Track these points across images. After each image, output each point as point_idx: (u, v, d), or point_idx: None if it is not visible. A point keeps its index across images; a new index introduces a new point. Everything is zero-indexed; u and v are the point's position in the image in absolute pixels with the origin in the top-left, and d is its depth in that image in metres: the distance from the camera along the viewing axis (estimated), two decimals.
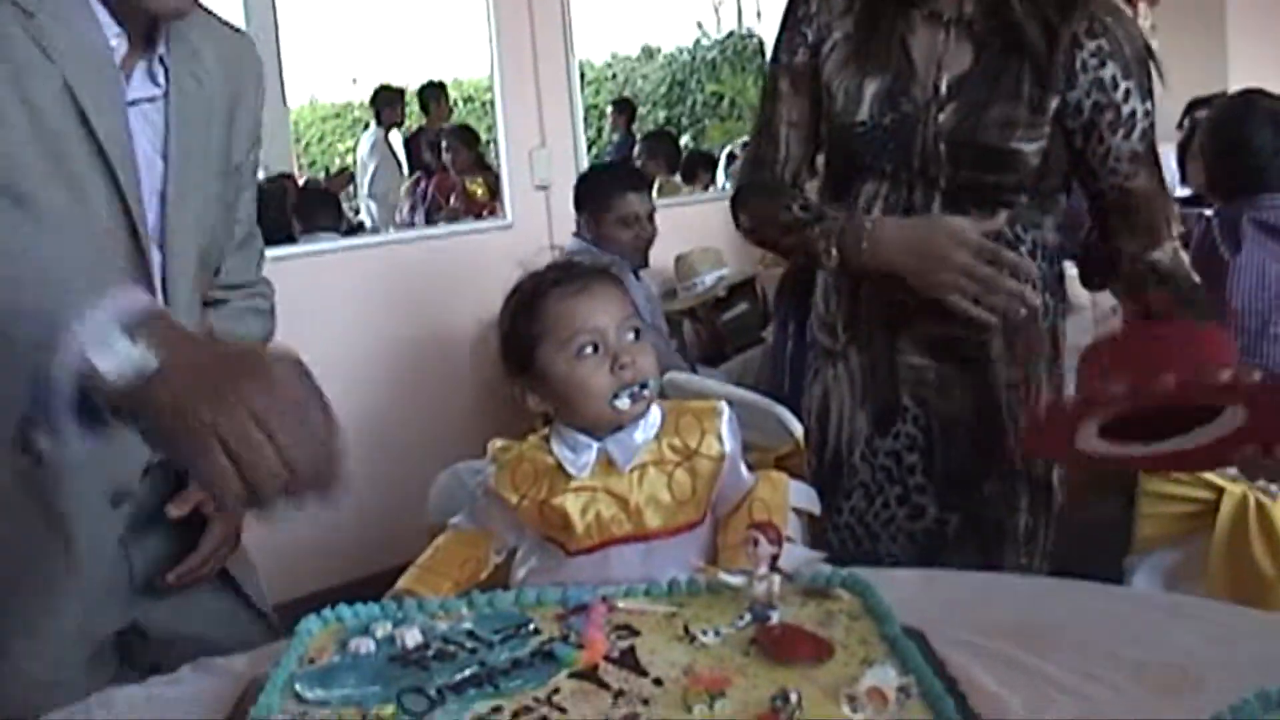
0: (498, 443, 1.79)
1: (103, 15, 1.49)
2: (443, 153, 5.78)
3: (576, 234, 3.98)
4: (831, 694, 1.17)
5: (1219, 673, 1.28)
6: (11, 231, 1.28)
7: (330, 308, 4.33)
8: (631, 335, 1.69)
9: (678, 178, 6.56)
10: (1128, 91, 1.94)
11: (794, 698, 1.14)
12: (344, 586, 3.91)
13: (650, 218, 3.86)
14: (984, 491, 2.06)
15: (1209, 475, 2.53)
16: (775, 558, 1.40)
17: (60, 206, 1.47)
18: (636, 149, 6.50)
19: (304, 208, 4.96)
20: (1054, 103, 1.94)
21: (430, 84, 5.99)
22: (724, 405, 1.77)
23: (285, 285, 2.00)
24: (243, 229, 1.87)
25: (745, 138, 6.68)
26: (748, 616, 1.36)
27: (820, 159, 2.19)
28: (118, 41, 1.52)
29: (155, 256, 1.62)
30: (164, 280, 1.64)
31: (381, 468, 4.24)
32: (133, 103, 1.57)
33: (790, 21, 2.14)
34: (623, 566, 1.69)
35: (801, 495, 1.79)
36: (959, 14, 1.98)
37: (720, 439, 1.74)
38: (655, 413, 1.74)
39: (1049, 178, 2.01)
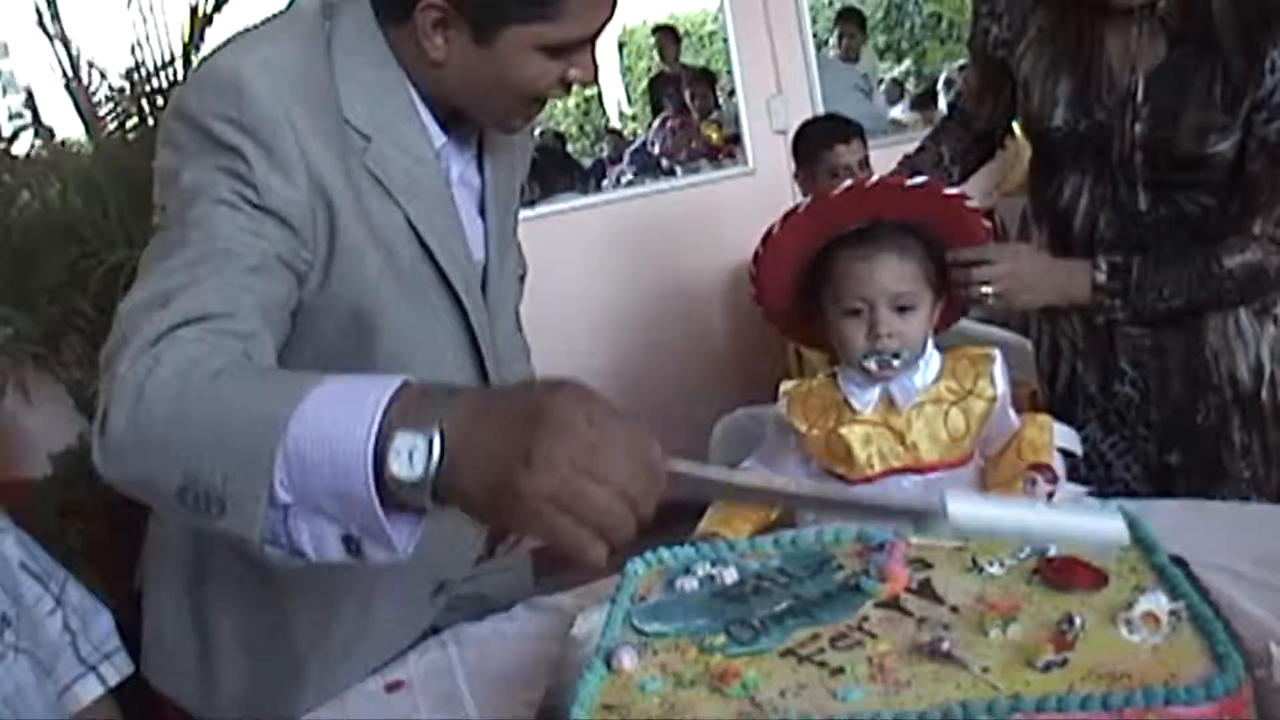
0: (789, 383, 2.00)
1: (429, 120, 1.54)
2: (685, 95, 5.89)
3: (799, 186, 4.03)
4: (1110, 618, 1.30)
5: None
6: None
7: (576, 266, 4.45)
8: (897, 309, 1.88)
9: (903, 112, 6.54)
10: None
11: (1078, 621, 1.28)
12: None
13: (862, 165, 3.86)
14: (1198, 423, 2.17)
15: None
16: (1051, 495, 1.55)
17: (406, 329, 1.54)
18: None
19: (537, 169, 4.98)
20: (1246, 103, 1.95)
21: (661, 26, 6.06)
22: (996, 352, 1.95)
23: (529, 248, 1.97)
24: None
25: (962, 60, 6.63)
26: (1028, 549, 1.50)
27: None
28: (441, 142, 1.57)
29: (485, 336, 1.65)
30: (493, 341, 1.69)
31: (641, 421, 4.42)
32: (452, 183, 1.62)
33: (978, 11, 2.21)
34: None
35: (1064, 436, 1.92)
36: (1153, 8, 1.99)
37: (993, 382, 1.92)
38: (935, 359, 1.94)
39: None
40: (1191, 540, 1.57)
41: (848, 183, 1.92)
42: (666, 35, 6.07)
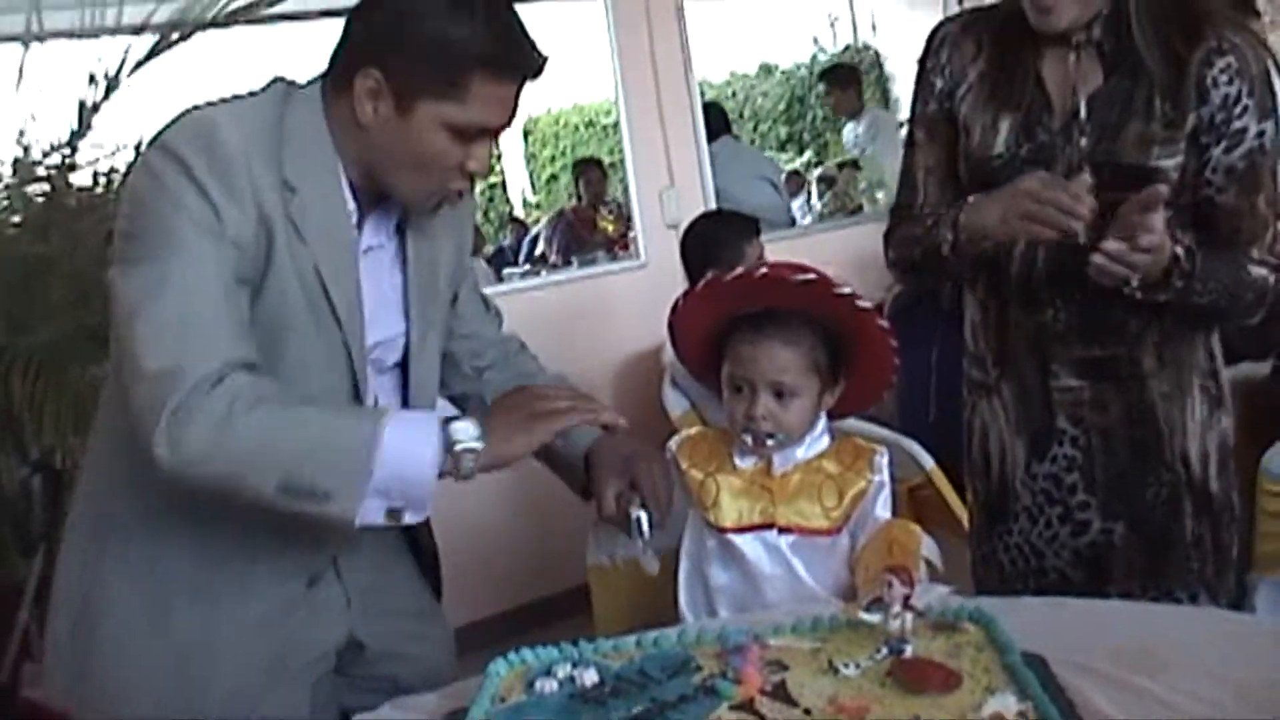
0: (689, 430, 2.13)
1: (346, 189, 1.78)
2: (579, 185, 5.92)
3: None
4: None
5: None
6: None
7: None
8: (777, 395, 1.94)
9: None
10: (1245, 108, 1.98)
11: None
12: (501, 615, 4.10)
13: (761, 258, 3.92)
14: (1146, 498, 2.14)
15: None
16: (908, 597, 1.56)
17: (306, 348, 1.78)
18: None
19: None
20: (1190, 120, 1.98)
21: None
22: (884, 449, 2.01)
23: None
24: (479, 307, 2.20)
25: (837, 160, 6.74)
26: (884, 650, 1.52)
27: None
28: (354, 208, 1.80)
29: (378, 387, 1.92)
30: (406, 403, 1.97)
31: (530, 510, 4.40)
32: (365, 250, 1.84)
33: (922, 74, 2.24)
34: (768, 554, 1.95)
35: (929, 548, 1.93)
36: (1087, 37, 2.03)
37: (874, 469, 1.98)
38: (825, 439, 2.01)
39: (1188, 191, 2.03)
40: (1054, 637, 1.59)
41: (738, 270, 1.97)
42: None
